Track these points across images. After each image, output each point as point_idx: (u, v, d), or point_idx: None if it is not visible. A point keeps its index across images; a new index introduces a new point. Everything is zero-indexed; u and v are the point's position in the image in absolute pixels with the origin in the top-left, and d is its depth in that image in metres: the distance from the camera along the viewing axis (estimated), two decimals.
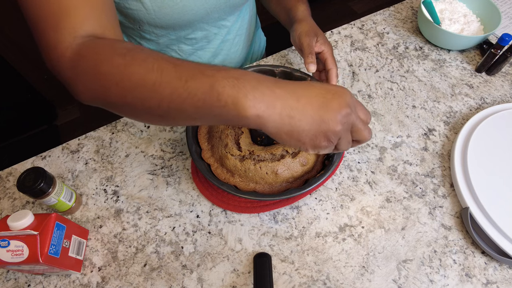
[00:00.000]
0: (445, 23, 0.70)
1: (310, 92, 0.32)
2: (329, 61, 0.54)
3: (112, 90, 0.32)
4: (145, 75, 0.31)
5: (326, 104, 0.31)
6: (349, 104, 0.32)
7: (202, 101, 0.30)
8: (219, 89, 0.29)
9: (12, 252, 0.38)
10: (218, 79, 0.29)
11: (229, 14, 0.60)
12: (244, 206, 0.49)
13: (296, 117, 0.30)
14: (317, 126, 0.31)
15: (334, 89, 0.33)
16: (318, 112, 0.31)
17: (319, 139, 0.32)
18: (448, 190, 0.53)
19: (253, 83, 0.30)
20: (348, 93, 0.33)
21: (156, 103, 0.31)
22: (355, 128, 0.34)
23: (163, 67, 0.31)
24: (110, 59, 0.32)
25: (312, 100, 0.31)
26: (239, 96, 0.29)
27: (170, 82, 0.30)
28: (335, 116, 0.31)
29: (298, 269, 0.46)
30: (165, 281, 0.45)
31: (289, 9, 0.61)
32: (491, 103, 0.63)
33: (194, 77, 0.30)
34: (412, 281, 0.45)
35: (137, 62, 0.32)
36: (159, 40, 0.59)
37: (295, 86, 0.32)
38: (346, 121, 0.32)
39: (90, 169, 0.55)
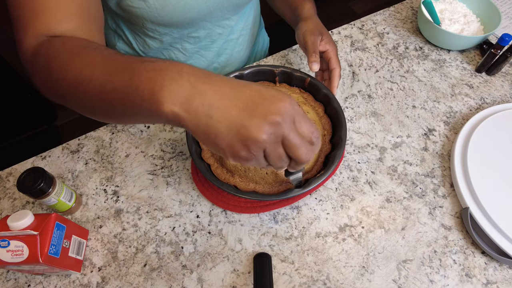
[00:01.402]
0: (445, 23, 0.70)
1: (239, 91, 0.27)
2: (332, 60, 0.54)
3: (58, 85, 0.33)
4: (80, 71, 0.31)
5: (252, 108, 0.27)
6: (283, 113, 0.27)
7: (124, 95, 0.29)
8: (137, 82, 0.28)
9: (12, 252, 0.38)
10: (139, 71, 0.28)
11: (232, 13, 0.60)
12: (244, 206, 0.49)
13: (214, 116, 0.26)
14: (235, 132, 0.26)
15: (271, 93, 0.28)
16: (240, 115, 0.26)
17: (237, 147, 0.27)
18: (448, 190, 0.53)
19: (174, 75, 0.27)
20: (287, 101, 0.28)
21: (90, 98, 0.31)
22: (288, 142, 0.28)
23: (96, 62, 0.31)
24: (58, 56, 0.33)
25: (238, 101, 0.27)
26: (154, 90, 0.27)
27: (99, 77, 0.30)
28: (258, 123, 0.26)
29: (298, 269, 0.46)
30: (165, 281, 0.45)
31: (295, 7, 0.61)
32: (491, 103, 0.63)
33: (119, 71, 0.29)
34: (412, 281, 0.45)
35: (78, 58, 0.32)
36: (162, 38, 0.59)
37: (225, 83, 0.28)
38: (273, 132, 0.27)
39: (90, 169, 0.55)
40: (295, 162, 0.30)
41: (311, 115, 0.51)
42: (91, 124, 0.65)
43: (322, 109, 0.55)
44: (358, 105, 0.63)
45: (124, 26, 0.61)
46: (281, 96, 0.28)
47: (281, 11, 0.67)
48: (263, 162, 0.29)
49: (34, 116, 1.53)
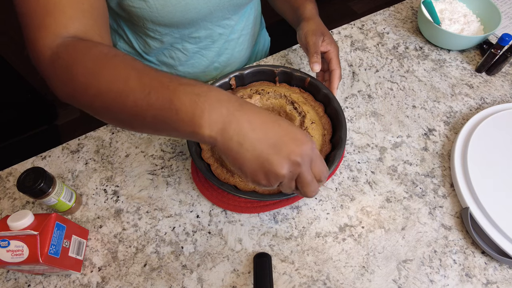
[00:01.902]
0: (445, 23, 0.70)
1: (270, 127, 0.30)
2: (333, 61, 0.54)
3: (82, 93, 0.34)
4: (111, 83, 0.32)
5: (279, 146, 0.30)
6: (304, 155, 0.31)
7: (160, 114, 0.30)
8: (177, 104, 0.29)
9: (12, 252, 0.38)
10: (178, 94, 0.29)
11: (233, 13, 0.60)
12: (244, 206, 0.49)
13: (244, 146, 0.30)
14: (260, 163, 0.30)
15: (296, 135, 0.31)
16: (267, 150, 0.30)
17: (259, 176, 0.31)
18: (448, 190, 0.53)
19: (213, 102, 0.29)
20: (309, 144, 0.31)
21: (120, 111, 0.32)
22: (301, 180, 0.32)
23: (129, 76, 0.31)
24: (83, 63, 0.33)
25: (267, 136, 0.30)
26: (195, 114, 0.29)
27: (133, 92, 0.31)
28: (282, 161, 0.30)
29: (298, 269, 0.46)
30: (165, 281, 0.45)
31: (297, 8, 0.61)
32: (491, 103, 0.63)
33: (156, 89, 0.30)
34: (412, 281, 0.45)
35: (106, 69, 0.32)
36: (163, 38, 0.59)
37: (258, 114, 0.31)
38: (292, 170, 0.31)
39: (90, 169, 0.55)
40: (302, 194, 0.35)
41: (311, 114, 0.51)
42: (91, 124, 0.65)
43: (322, 109, 0.55)
44: (358, 105, 0.63)
45: (125, 26, 0.61)
46: (306, 139, 0.31)
47: (282, 11, 0.67)
48: (275, 188, 0.33)
49: (34, 116, 1.53)
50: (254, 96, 0.52)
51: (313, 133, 0.49)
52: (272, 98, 0.53)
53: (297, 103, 0.51)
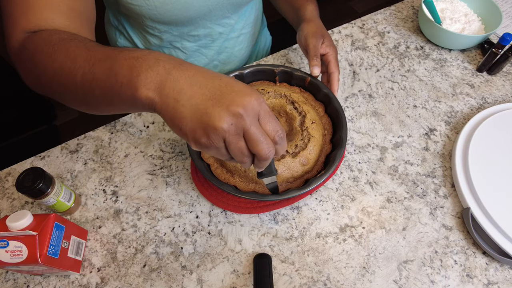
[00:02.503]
0: (446, 22, 0.70)
1: (210, 81, 0.28)
2: (332, 64, 0.54)
3: (42, 77, 0.35)
4: (64, 62, 0.32)
5: (218, 97, 0.27)
6: (247, 106, 0.27)
7: (104, 83, 0.30)
8: (117, 69, 0.29)
9: (11, 252, 0.38)
10: (118, 60, 0.29)
11: (232, 12, 0.60)
12: (244, 207, 0.49)
13: (181, 101, 0.28)
14: (198, 118, 0.27)
15: (239, 87, 0.29)
16: (205, 102, 0.27)
17: (198, 133, 0.28)
18: (449, 190, 0.52)
19: (151, 62, 0.28)
20: (254, 96, 0.28)
21: (74, 88, 0.33)
22: (248, 136, 0.28)
23: (78, 53, 0.32)
24: (41, 49, 0.34)
25: (206, 89, 0.28)
26: (132, 75, 0.28)
27: (81, 67, 0.31)
28: (221, 111, 0.27)
29: (299, 270, 0.46)
30: (164, 282, 0.45)
31: (298, 8, 0.61)
32: (492, 102, 0.62)
33: (100, 60, 0.31)
34: (413, 282, 0.45)
35: (60, 50, 0.33)
36: (162, 36, 0.59)
37: (198, 71, 0.29)
38: (234, 122, 0.27)
39: (89, 169, 0.55)
40: (257, 158, 0.30)
41: (312, 114, 0.50)
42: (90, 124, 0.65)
43: (323, 108, 0.54)
44: (358, 104, 0.62)
45: (125, 23, 0.62)
46: (250, 91, 0.28)
47: (284, 10, 0.67)
48: (224, 152, 0.30)
49: (33, 116, 1.53)
50: None
51: (314, 133, 0.48)
52: (272, 97, 0.53)
53: (297, 102, 0.51)
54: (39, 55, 0.35)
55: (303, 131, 0.48)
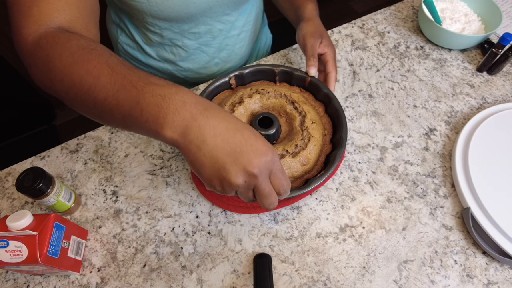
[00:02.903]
0: (446, 22, 0.70)
1: (231, 135, 0.30)
2: (329, 64, 0.54)
3: (57, 84, 0.35)
4: (84, 77, 0.32)
5: (236, 155, 0.29)
6: (262, 167, 0.30)
7: (128, 112, 0.31)
8: (143, 105, 0.30)
9: (11, 252, 0.38)
10: (145, 95, 0.30)
11: (233, 9, 0.60)
12: (244, 206, 0.49)
13: (203, 150, 0.29)
14: (216, 170, 0.30)
15: (258, 145, 0.30)
16: (223, 158, 0.29)
17: (214, 182, 0.31)
18: (449, 190, 0.52)
19: (178, 105, 0.29)
20: (270, 156, 0.31)
21: (91, 105, 0.33)
22: (258, 191, 0.32)
23: (101, 72, 0.32)
24: (60, 55, 0.34)
25: (227, 144, 0.29)
26: (159, 116, 0.29)
27: (104, 89, 0.31)
28: (237, 171, 0.29)
29: (299, 269, 0.46)
30: (164, 281, 0.45)
31: (297, 7, 0.61)
32: (492, 102, 0.62)
33: (125, 88, 0.31)
34: (413, 282, 0.45)
35: (81, 63, 0.33)
36: (163, 33, 0.60)
37: (221, 120, 0.30)
38: (247, 181, 0.30)
39: (89, 169, 0.55)
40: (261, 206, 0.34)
41: (312, 114, 0.50)
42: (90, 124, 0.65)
43: (323, 108, 0.54)
44: (358, 104, 0.62)
45: (126, 20, 0.62)
46: (266, 150, 0.31)
47: (284, 9, 0.67)
48: (230, 194, 0.33)
49: (33, 116, 1.53)
50: (254, 95, 0.52)
51: (314, 133, 0.48)
52: (272, 97, 0.53)
53: (297, 102, 0.51)
54: (57, 62, 0.34)
55: (303, 131, 0.48)
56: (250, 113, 0.52)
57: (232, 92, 0.56)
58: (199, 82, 0.71)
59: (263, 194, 0.32)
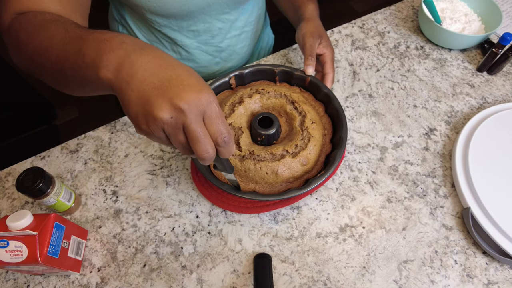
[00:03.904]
0: (446, 22, 0.70)
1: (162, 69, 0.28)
2: (327, 65, 0.54)
3: (24, 55, 0.37)
4: (42, 41, 0.34)
5: (165, 88, 0.27)
6: (191, 103, 0.27)
7: (74, 63, 0.31)
8: (85, 50, 0.30)
9: (11, 252, 0.38)
10: (88, 41, 0.30)
11: (232, 8, 0.60)
12: (244, 207, 0.49)
13: (131, 85, 0.28)
14: (142, 104, 0.27)
15: (191, 82, 0.28)
16: (150, 91, 0.27)
17: (140, 119, 0.28)
18: (449, 190, 0.52)
19: (114, 45, 0.29)
20: (203, 94, 0.28)
21: (49, 67, 0.34)
22: (188, 132, 0.28)
23: (56, 33, 0.33)
24: (25, 28, 0.36)
25: (156, 78, 0.28)
26: (97, 56, 0.29)
27: (56, 46, 0.33)
28: (163, 103, 0.27)
29: (299, 269, 0.46)
30: (164, 281, 0.45)
31: (298, 7, 0.61)
32: (492, 102, 0.62)
33: (73, 40, 0.32)
34: (413, 282, 0.45)
35: (41, 30, 0.35)
36: (162, 30, 0.61)
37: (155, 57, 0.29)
38: (174, 116, 0.27)
39: (89, 169, 0.55)
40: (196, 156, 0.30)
41: (312, 114, 0.50)
42: (90, 123, 0.65)
43: (323, 108, 0.54)
44: (358, 104, 0.62)
45: (127, 16, 0.63)
46: (200, 87, 0.28)
47: (285, 9, 0.67)
48: (166, 142, 0.30)
49: (33, 116, 1.53)
50: (254, 95, 0.52)
51: (314, 133, 0.48)
52: (272, 97, 0.52)
53: (298, 102, 0.51)
54: (23, 34, 0.36)
55: (303, 131, 0.48)
56: (250, 113, 0.52)
57: (232, 92, 0.56)
58: None
59: (195, 137, 0.28)
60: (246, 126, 0.51)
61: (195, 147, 0.29)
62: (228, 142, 0.30)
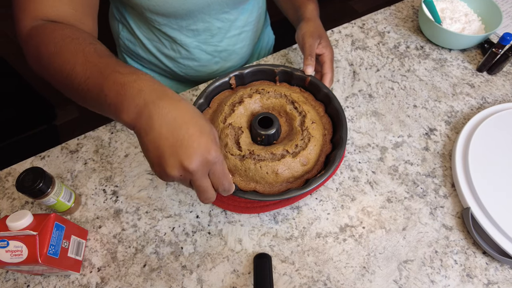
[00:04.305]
0: (446, 22, 0.70)
1: (178, 126, 0.31)
2: (326, 65, 0.54)
3: (44, 70, 0.39)
4: (63, 65, 0.36)
5: (178, 147, 0.30)
6: (200, 165, 0.31)
7: (96, 97, 0.34)
8: (106, 91, 0.33)
9: (11, 252, 0.38)
10: (108, 82, 0.33)
11: (232, 7, 0.60)
12: (244, 207, 0.49)
13: (149, 137, 0.31)
14: (157, 157, 0.31)
15: (200, 142, 0.31)
16: (165, 148, 0.30)
17: (155, 168, 0.32)
18: (449, 190, 0.52)
19: (134, 92, 0.32)
20: (212, 155, 0.31)
21: (70, 89, 0.37)
22: (194, 186, 0.33)
23: (76, 61, 0.36)
24: (46, 45, 0.38)
25: (171, 135, 0.30)
26: (118, 102, 0.32)
27: (77, 76, 0.35)
28: (174, 164, 0.30)
29: (299, 269, 0.46)
30: (164, 281, 0.45)
31: (298, 7, 0.61)
32: (492, 102, 0.62)
33: (93, 75, 0.34)
34: (413, 282, 0.45)
35: (61, 52, 0.37)
36: (162, 29, 0.61)
37: (171, 111, 0.31)
38: (183, 175, 0.31)
39: (89, 169, 0.55)
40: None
41: (312, 114, 0.50)
42: (90, 124, 0.65)
43: (323, 108, 0.54)
44: (358, 104, 0.62)
45: (127, 15, 0.63)
46: (209, 149, 0.31)
47: (285, 9, 0.67)
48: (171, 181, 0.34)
49: (33, 115, 1.53)
50: (254, 95, 0.52)
51: (314, 133, 0.48)
52: (272, 97, 0.52)
53: (298, 102, 0.51)
54: (43, 50, 0.38)
55: (303, 131, 0.48)
56: (250, 113, 0.52)
57: (232, 92, 0.56)
58: (200, 80, 0.71)
59: (199, 190, 0.34)
60: (246, 126, 0.51)
61: (199, 195, 0.35)
62: (228, 191, 0.37)
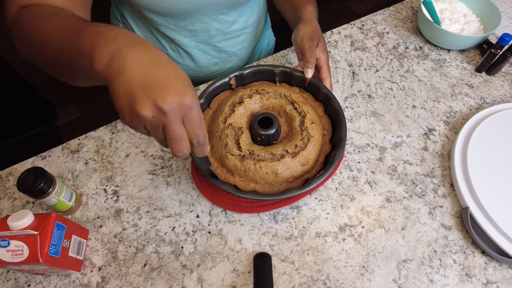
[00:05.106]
0: (445, 23, 0.70)
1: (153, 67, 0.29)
2: (324, 70, 0.54)
3: (28, 48, 0.39)
4: (44, 34, 0.36)
5: (151, 87, 0.28)
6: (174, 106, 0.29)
7: (72, 56, 0.33)
8: (81, 43, 0.31)
9: (12, 252, 0.38)
10: (84, 35, 0.32)
11: (230, 9, 0.60)
12: (244, 206, 0.49)
13: (120, 80, 0.29)
14: (128, 99, 0.29)
15: (177, 85, 0.29)
16: (137, 89, 0.29)
17: (124, 112, 0.30)
18: (448, 190, 0.53)
19: (108, 38, 0.30)
20: (188, 99, 0.29)
21: (52, 59, 0.36)
22: (166, 132, 0.30)
23: (56, 26, 0.35)
24: (28, 22, 0.38)
25: (144, 76, 0.29)
26: (91, 49, 0.30)
27: (56, 39, 0.35)
28: (146, 102, 0.28)
29: (298, 269, 0.46)
30: (165, 281, 0.45)
31: (297, 8, 0.61)
32: (491, 103, 0.63)
33: (71, 34, 0.33)
34: (412, 281, 0.45)
35: (42, 23, 0.36)
36: (160, 29, 0.61)
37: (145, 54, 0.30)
38: (155, 115, 0.29)
39: (90, 169, 0.55)
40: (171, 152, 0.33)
41: (311, 114, 0.51)
42: (91, 124, 0.65)
43: (322, 108, 0.55)
44: (358, 104, 0.63)
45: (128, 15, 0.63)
46: (185, 91, 0.29)
47: (284, 10, 0.67)
48: (146, 134, 0.32)
49: (34, 115, 1.53)
50: (254, 96, 0.52)
51: (313, 133, 0.49)
52: (272, 98, 0.53)
53: (297, 103, 0.51)
54: (25, 26, 0.38)
55: (302, 131, 0.49)
56: (250, 113, 0.52)
57: (232, 93, 0.56)
58: (199, 80, 0.71)
59: (172, 137, 0.31)
60: (246, 126, 0.51)
61: (171, 146, 0.31)
62: (202, 144, 0.33)
